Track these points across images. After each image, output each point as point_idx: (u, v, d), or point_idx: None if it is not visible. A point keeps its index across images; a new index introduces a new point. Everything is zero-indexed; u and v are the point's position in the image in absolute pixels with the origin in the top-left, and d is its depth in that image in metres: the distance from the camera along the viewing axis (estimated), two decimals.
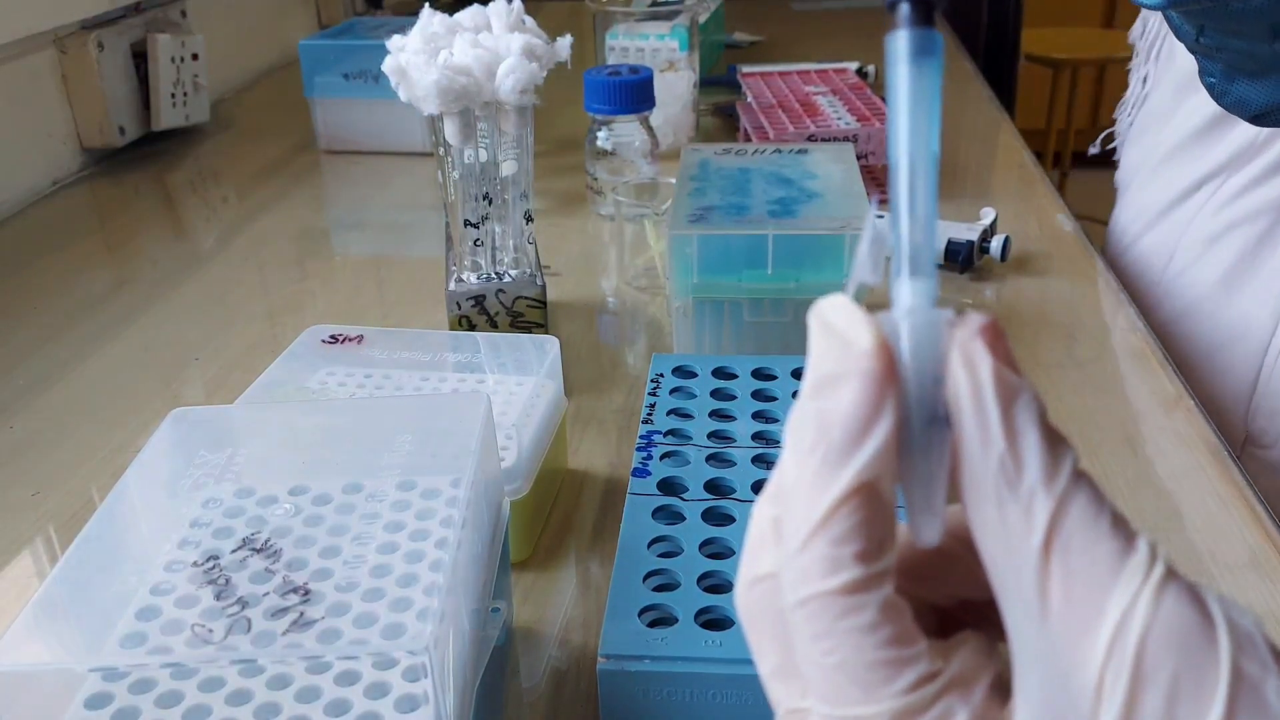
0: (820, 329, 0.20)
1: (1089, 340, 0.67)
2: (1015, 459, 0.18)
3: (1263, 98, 0.59)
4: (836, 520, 0.19)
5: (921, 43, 0.20)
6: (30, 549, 0.51)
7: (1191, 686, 0.17)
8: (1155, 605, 0.17)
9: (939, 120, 0.20)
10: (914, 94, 0.20)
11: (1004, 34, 2.32)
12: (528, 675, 0.43)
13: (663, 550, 0.40)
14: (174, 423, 0.39)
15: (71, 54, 0.99)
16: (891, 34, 0.20)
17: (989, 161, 1.02)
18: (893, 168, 0.20)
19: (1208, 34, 0.56)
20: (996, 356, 0.19)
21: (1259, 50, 0.54)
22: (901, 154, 0.20)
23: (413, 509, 0.36)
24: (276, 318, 0.73)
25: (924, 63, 0.20)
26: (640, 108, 0.83)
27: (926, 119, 0.20)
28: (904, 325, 0.20)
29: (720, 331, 0.60)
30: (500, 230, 0.63)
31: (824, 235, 0.57)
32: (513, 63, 0.57)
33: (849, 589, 0.19)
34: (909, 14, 0.20)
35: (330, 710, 0.30)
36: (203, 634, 0.30)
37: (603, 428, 0.59)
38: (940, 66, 0.20)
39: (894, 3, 0.20)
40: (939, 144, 0.20)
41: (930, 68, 0.20)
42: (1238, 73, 0.58)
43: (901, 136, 0.20)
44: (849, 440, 0.19)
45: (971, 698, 0.19)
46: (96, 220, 0.94)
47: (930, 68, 0.20)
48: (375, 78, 1.00)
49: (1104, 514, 0.18)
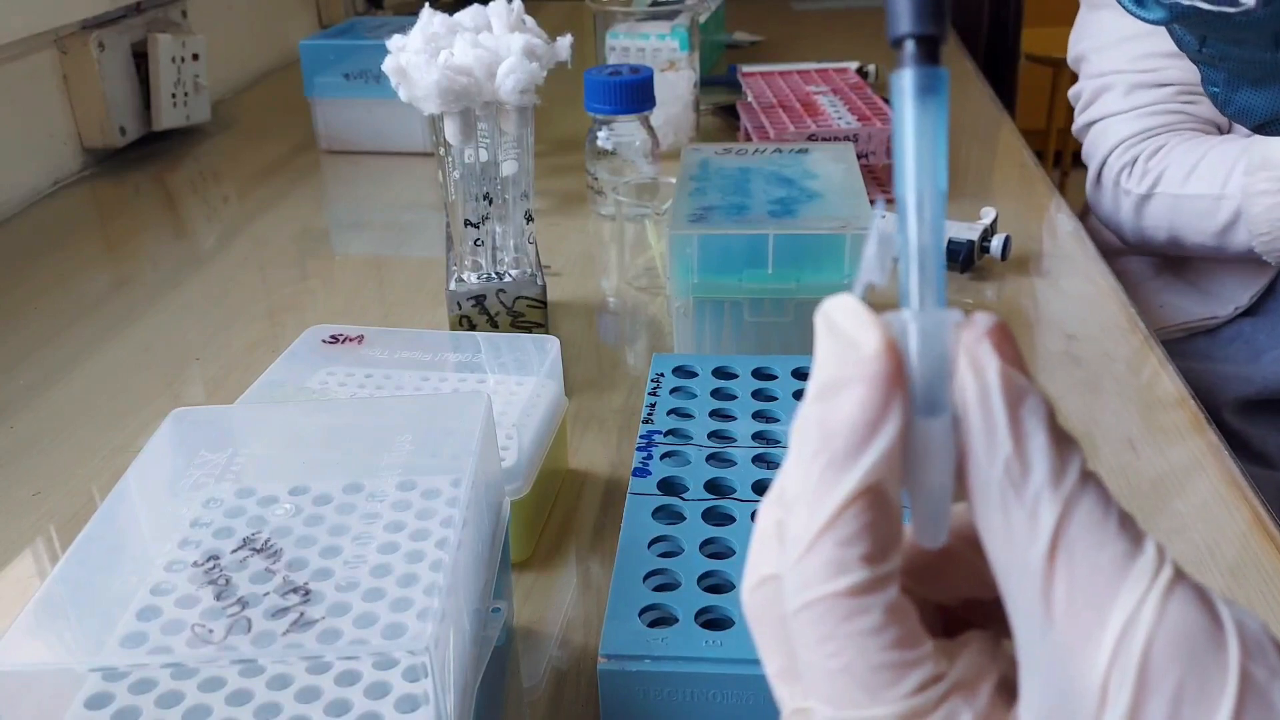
0: (826, 330, 0.20)
1: (1089, 340, 0.67)
2: (1021, 462, 0.18)
3: (1266, 106, 0.59)
4: (842, 523, 0.19)
5: (927, 81, 0.20)
6: (31, 549, 0.51)
7: (1198, 691, 0.17)
8: (1162, 609, 0.17)
9: (946, 157, 0.20)
10: (919, 132, 0.20)
11: (1004, 33, 2.31)
12: (528, 675, 0.43)
13: (663, 550, 0.40)
14: (174, 423, 0.39)
15: (72, 54, 0.99)
16: (897, 72, 0.20)
17: (989, 161, 1.02)
18: (900, 206, 0.20)
19: (1210, 44, 0.56)
20: (1004, 358, 0.19)
21: (1261, 59, 0.54)
22: (909, 192, 0.20)
23: (413, 509, 0.36)
24: (277, 318, 0.73)
25: (929, 101, 0.20)
26: (641, 107, 0.83)
27: (932, 156, 0.20)
28: (911, 327, 0.20)
29: (720, 331, 0.60)
30: (500, 230, 0.63)
31: (824, 235, 0.57)
32: (513, 63, 0.57)
33: (854, 591, 0.19)
34: (914, 52, 0.20)
35: (330, 710, 0.30)
36: (203, 634, 0.30)
37: (603, 428, 0.59)
38: (946, 103, 0.20)
39: (899, 40, 0.20)
40: (946, 180, 0.20)
41: (936, 105, 0.20)
42: (1241, 82, 0.59)
43: (909, 174, 0.20)
44: (854, 444, 0.19)
45: (976, 700, 0.19)
46: (97, 220, 0.94)
47: (936, 105, 0.20)
48: (375, 78, 1.00)
49: (1111, 516, 0.18)
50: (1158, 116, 0.92)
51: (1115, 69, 0.94)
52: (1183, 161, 0.88)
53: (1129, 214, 0.92)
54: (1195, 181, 0.86)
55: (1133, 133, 0.92)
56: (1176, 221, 0.89)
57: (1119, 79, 0.94)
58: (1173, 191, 0.88)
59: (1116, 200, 0.93)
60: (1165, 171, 0.89)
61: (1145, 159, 0.91)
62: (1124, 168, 0.92)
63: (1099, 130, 0.95)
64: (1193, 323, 0.94)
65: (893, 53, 0.20)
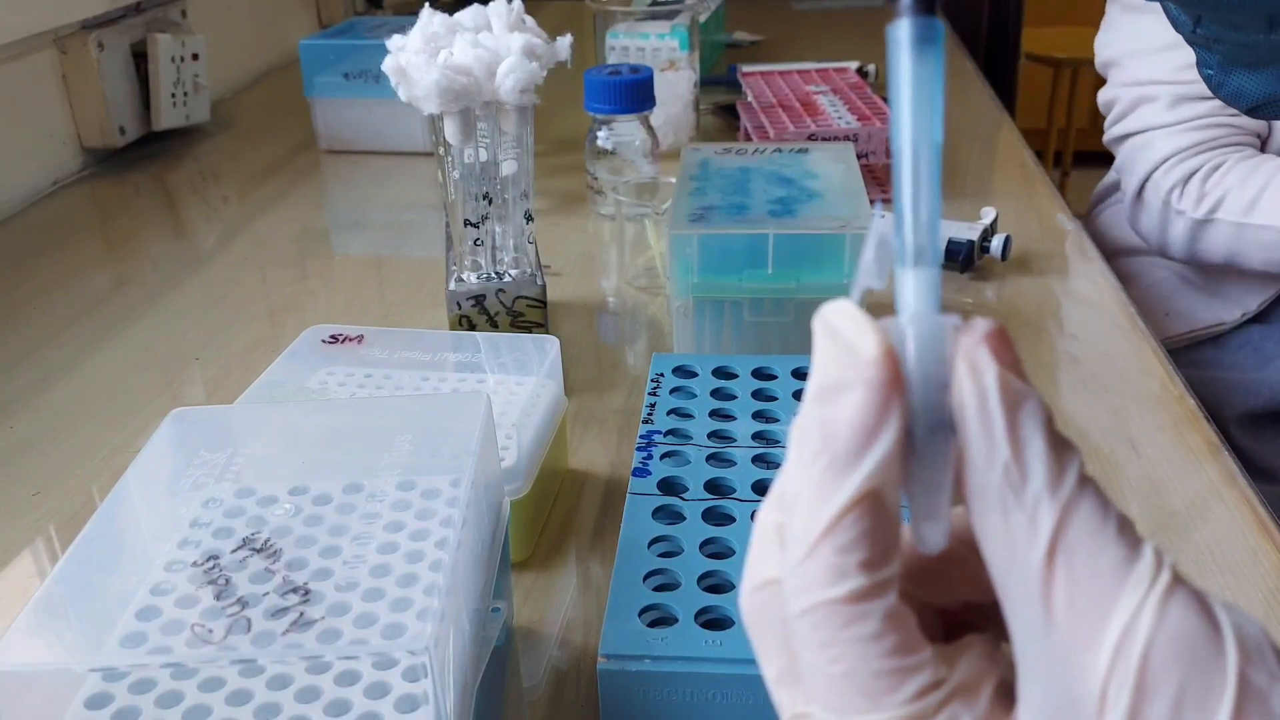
0: (825, 334, 0.20)
1: (1089, 340, 0.67)
2: (1020, 467, 0.18)
3: (1260, 89, 0.59)
4: (841, 529, 0.19)
5: (923, 31, 0.20)
6: (30, 549, 0.51)
7: (1197, 696, 0.17)
8: (1160, 614, 0.17)
9: (942, 109, 0.20)
10: (916, 82, 0.20)
11: (1005, 33, 2.31)
12: (528, 675, 0.43)
13: (663, 550, 0.40)
14: (174, 423, 0.39)
15: (72, 54, 0.99)
16: (893, 23, 0.20)
17: (990, 161, 1.02)
18: (896, 157, 0.20)
19: (1205, 25, 0.56)
20: (1002, 363, 0.19)
21: (1256, 41, 0.54)
22: (905, 143, 0.20)
23: (413, 509, 0.36)
24: (276, 318, 0.73)
25: (926, 51, 0.20)
26: (640, 107, 0.83)
27: (929, 107, 0.20)
28: (909, 331, 0.19)
29: (720, 331, 0.60)
30: (500, 230, 0.63)
31: (824, 235, 0.57)
32: (513, 62, 0.57)
33: (853, 597, 0.19)
34: (910, 2, 0.20)
35: (330, 710, 0.30)
36: (203, 634, 0.30)
37: (603, 428, 0.59)
38: (942, 55, 0.20)
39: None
40: (942, 133, 0.20)
41: (932, 56, 0.20)
42: (1235, 64, 0.58)
43: (904, 125, 0.20)
44: (853, 449, 0.19)
45: (976, 705, 0.19)
46: (96, 220, 0.94)
47: (932, 56, 0.20)
48: (375, 78, 1.00)
49: (1109, 521, 0.18)
50: (1205, 130, 0.89)
51: (1155, 78, 0.92)
52: (1245, 187, 0.86)
53: (1181, 235, 0.90)
54: (1262, 211, 0.85)
55: (1180, 148, 0.90)
56: (1239, 249, 0.87)
57: (1162, 90, 0.91)
58: (1235, 219, 0.87)
59: (1165, 219, 0.91)
60: (1226, 197, 0.87)
61: (1202, 180, 0.89)
62: (1175, 186, 0.90)
63: (1140, 143, 0.93)
64: (1199, 330, 0.94)
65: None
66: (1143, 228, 0.95)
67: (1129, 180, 0.95)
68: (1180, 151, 0.90)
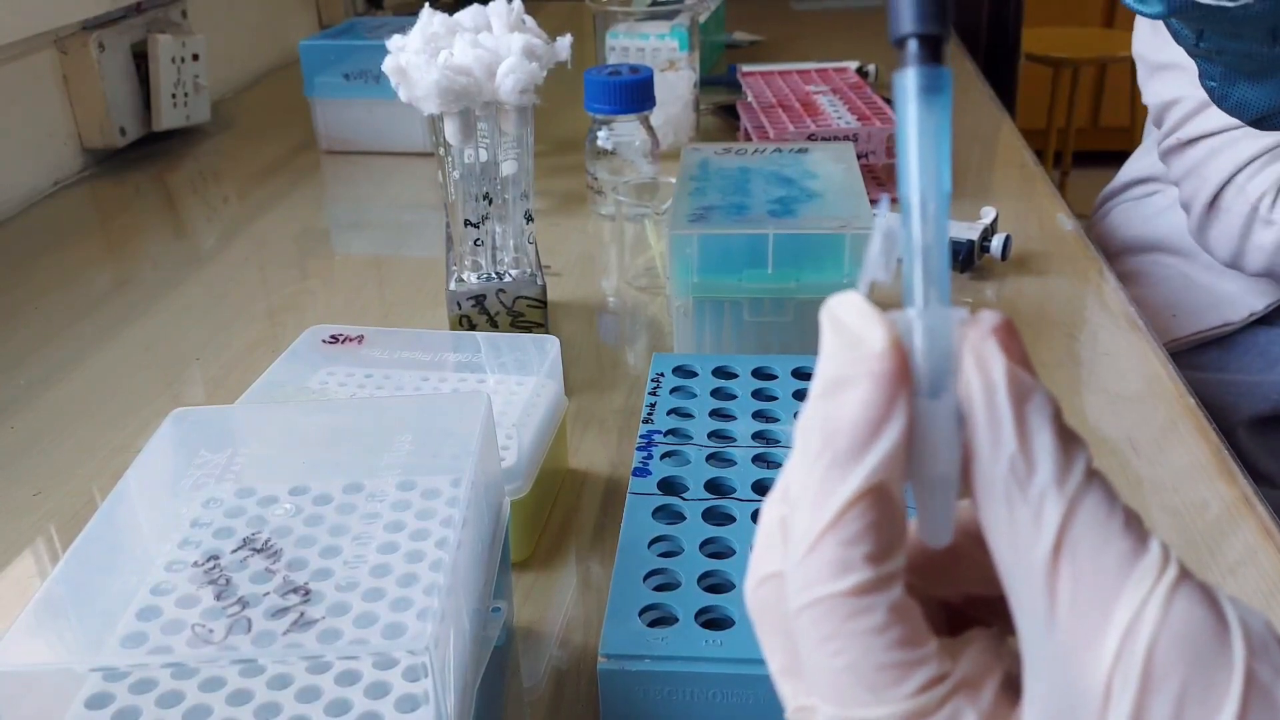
0: (832, 327, 0.20)
1: (1089, 340, 0.67)
2: (1027, 460, 0.18)
3: (1263, 101, 0.58)
4: (845, 523, 0.19)
5: (930, 80, 0.19)
6: (31, 549, 0.51)
7: (1202, 691, 0.17)
8: (1166, 609, 0.17)
9: (949, 158, 0.20)
10: (923, 132, 0.20)
11: (1004, 33, 2.31)
12: (528, 675, 0.43)
13: (663, 550, 0.40)
14: (174, 423, 0.39)
15: (72, 54, 0.99)
16: (899, 71, 0.20)
17: (989, 161, 1.02)
18: (904, 207, 0.20)
19: (1207, 38, 0.56)
20: (1010, 356, 0.19)
21: (1259, 53, 0.54)
22: (913, 192, 0.20)
23: (413, 509, 0.36)
24: (277, 318, 0.73)
25: (933, 100, 0.19)
26: (640, 107, 0.83)
27: (936, 157, 0.20)
28: (916, 325, 0.19)
29: (720, 331, 0.60)
30: (500, 230, 0.63)
31: (824, 235, 0.57)
32: (513, 63, 0.57)
33: (858, 591, 0.19)
34: (917, 51, 0.19)
35: (330, 710, 0.30)
36: (203, 634, 0.30)
37: (603, 428, 0.59)
38: (949, 103, 0.20)
39: (901, 40, 0.19)
40: (950, 181, 0.20)
41: (940, 105, 0.20)
42: (1238, 76, 0.58)
43: (912, 175, 0.20)
44: (859, 442, 0.19)
45: (980, 700, 0.19)
46: (97, 220, 0.94)
47: (940, 105, 0.20)
48: (375, 78, 1.00)
49: (1116, 515, 0.18)
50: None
51: None
52: None
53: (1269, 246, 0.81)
54: None
55: (1263, 149, 0.80)
56: None
57: None
58: None
59: (1249, 229, 0.82)
60: None
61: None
62: (1265, 193, 0.81)
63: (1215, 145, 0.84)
64: (1206, 331, 0.92)
65: (893, 53, 0.20)
66: (1212, 238, 0.86)
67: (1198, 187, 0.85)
68: (1266, 152, 0.80)
